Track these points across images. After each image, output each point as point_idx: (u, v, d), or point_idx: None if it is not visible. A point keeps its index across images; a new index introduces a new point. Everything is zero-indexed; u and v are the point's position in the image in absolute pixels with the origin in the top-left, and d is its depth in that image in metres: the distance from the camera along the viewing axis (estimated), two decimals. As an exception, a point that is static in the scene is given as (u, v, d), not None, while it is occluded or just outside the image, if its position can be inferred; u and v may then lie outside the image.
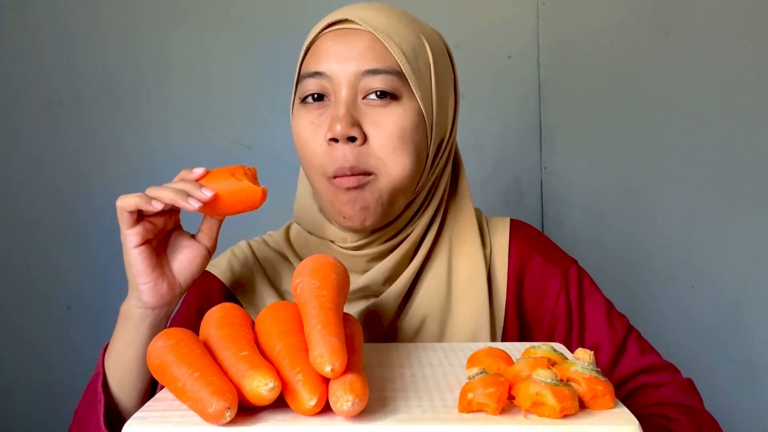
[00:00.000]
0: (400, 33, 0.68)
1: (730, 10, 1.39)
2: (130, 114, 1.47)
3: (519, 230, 0.79)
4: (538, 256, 0.77)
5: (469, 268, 0.74)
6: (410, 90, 0.68)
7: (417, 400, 0.48)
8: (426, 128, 0.69)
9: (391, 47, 0.67)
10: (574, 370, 0.46)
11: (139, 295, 0.63)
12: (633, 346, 0.75)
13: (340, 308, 0.52)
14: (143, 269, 0.62)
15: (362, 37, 0.67)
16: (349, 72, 0.66)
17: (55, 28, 1.47)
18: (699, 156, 1.40)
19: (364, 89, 0.66)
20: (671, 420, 0.67)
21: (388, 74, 0.66)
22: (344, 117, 0.65)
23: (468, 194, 0.78)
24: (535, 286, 0.76)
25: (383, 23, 0.68)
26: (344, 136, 0.65)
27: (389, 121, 0.66)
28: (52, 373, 1.45)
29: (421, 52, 0.69)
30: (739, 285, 1.40)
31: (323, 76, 0.67)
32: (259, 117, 1.44)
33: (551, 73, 1.43)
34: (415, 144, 0.68)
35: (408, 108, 0.67)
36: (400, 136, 0.66)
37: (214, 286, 0.76)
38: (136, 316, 0.63)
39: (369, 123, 0.66)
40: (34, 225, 1.48)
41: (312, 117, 0.68)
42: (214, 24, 1.46)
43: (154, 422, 0.45)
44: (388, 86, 0.66)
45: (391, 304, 0.72)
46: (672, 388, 0.72)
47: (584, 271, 0.79)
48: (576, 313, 0.75)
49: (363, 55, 0.66)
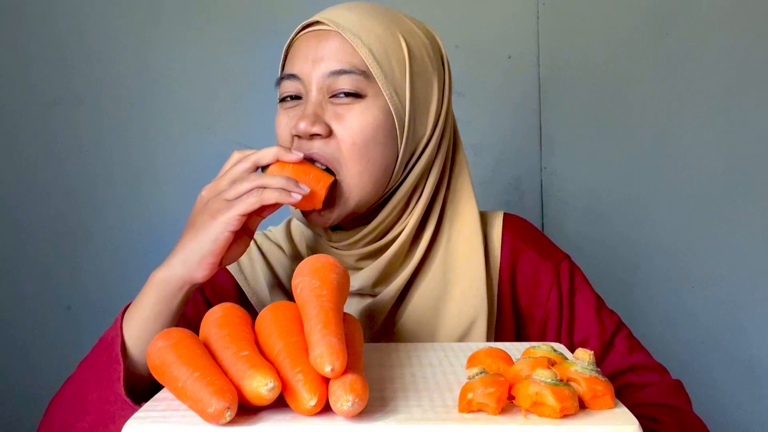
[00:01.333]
0: (371, 31, 0.69)
1: (730, 10, 1.39)
2: (129, 114, 1.47)
3: (512, 224, 0.80)
4: (530, 250, 0.78)
5: (467, 266, 0.74)
6: (378, 88, 0.69)
7: (417, 400, 0.48)
8: (395, 126, 0.70)
9: (358, 47, 0.68)
10: (574, 370, 0.46)
11: (194, 270, 0.61)
12: (621, 344, 0.75)
13: (340, 308, 0.52)
14: (221, 251, 0.61)
15: (331, 38, 0.69)
16: (317, 73, 0.69)
17: (54, 28, 1.47)
18: (699, 156, 1.40)
19: (331, 89, 0.69)
20: (657, 421, 0.66)
21: (354, 74, 0.68)
22: (308, 115, 0.67)
23: (470, 191, 0.78)
24: (527, 280, 0.77)
25: (354, 23, 0.69)
26: (306, 133, 0.67)
27: (352, 117, 0.68)
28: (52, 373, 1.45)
29: (394, 50, 0.70)
30: (739, 285, 1.40)
31: (296, 78, 0.70)
32: (259, 117, 1.44)
33: (551, 73, 1.43)
34: (380, 141, 0.69)
35: (372, 105, 0.68)
36: (360, 131, 0.68)
37: (223, 278, 0.78)
38: (176, 287, 0.62)
39: (334, 119, 0.68)
40: (34, 225, 1.48)
41: (287, 117, 0.71)
42: (214, 24, 1.46)
43: (154, 422, 0.45)
44: (353, 87, 0.68)
45: (386, 302, 0.73)
46: (659, 388, 0.72)
47: (576, 266, 0.80)
48: (566, 307, 0.76)
49: (331, 56, 0.68)
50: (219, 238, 0.61)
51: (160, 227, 1.44)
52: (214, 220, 0.61)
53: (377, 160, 0.69)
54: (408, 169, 0.73)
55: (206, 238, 0.61)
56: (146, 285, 0.63)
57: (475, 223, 0.76)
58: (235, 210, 0.60)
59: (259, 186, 0.61)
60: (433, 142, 0.74)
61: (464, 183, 0.78)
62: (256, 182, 0.61)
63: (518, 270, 0.77)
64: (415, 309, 0.73)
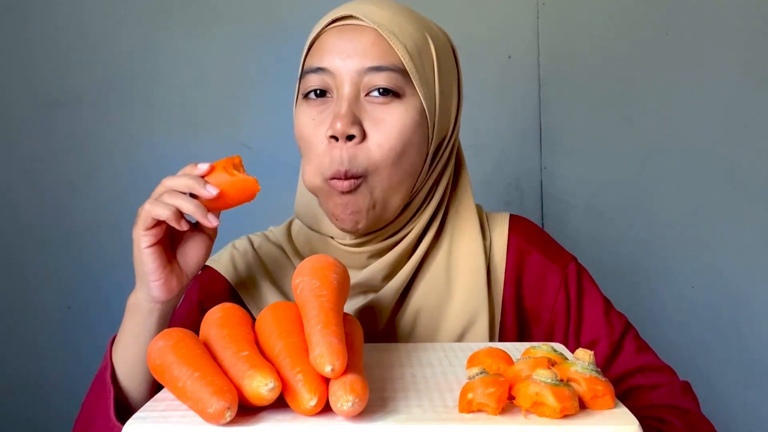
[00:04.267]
0: (405, 30, 0.68)
1: (730, 10, 1.39)
2: (129, 114, 1.47)
3: (518, 225, 0.79)
4: (537, 252, 0.77)
5: (468, 264, 0.74)
6: (413, 88, 0.67)
7: (417, 400, 0.48)
8: (428, 127, 0.69)
9: (395, 44, 0.66)
10: (574, 370, 0.46)
11: (149, 291, 0.63)
12: (630, 345, 0.74)
13: (340, 308, 0.52)
14: (155, 267, 0.62)
15: (366, 34, 0.67)
16: (351, 68, 0.66)
17: (52, 29, 1.47)
18: (699, 155, 1.40)
19: (367, 86, 0.66)
20: (665, 423, 0.66)
21: (392, 71, 0.66)
22: (345, 115, 0.64)
23: (469, 190, 0.78)
24: (534, 283, 0.76)
25: (387, 20, 0.67)
26: (344, 134, 0.64)
27: (390, 119, 0.66)
28: (52, 373, 1.45)
29: (425, 49, 0.69)
30: (740, 285, 1.40)
31: (326, 71, 0.67)
32: (259, 117, 1.44)
33: (551, 73, 1.43)
34: (415, 143, 0.68)
35: (410, 106, 0.67)
36: (399, 134, 0.66)
37: (216, 281, 0.77)
38: (145, 310, 0.64)
39: (370, 121, 0.66)
40: (34, 225, 1.48)
41: (314, 113, 0.68)
42: (213, 24, 1.46)
43: (154, 422, 0.45)
44: (391, 84, 0.66)
45: (389, 299, 0.72)
46: (667, 390, 0.71)
47: (583, 268, 0.79)
48: (574, 310, 0.75)
49: (366, 52, 0.66)
50: (144, 257, 0.62)
51: (160, 227, 1.44)
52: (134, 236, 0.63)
53: (409, 164, 0.68)
54: (431, 171, 0.72)
55: (137, 260, 0.63)
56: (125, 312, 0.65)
57: (476, 221, 0.75)
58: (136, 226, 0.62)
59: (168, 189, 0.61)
60: (452, 143, 0.74)
61: (465, 182, 0.78)
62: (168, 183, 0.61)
63: (525, 272, 0.76)
64: (418, 307, 0.73)
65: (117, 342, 0.65)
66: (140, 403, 0.62)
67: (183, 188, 0.61)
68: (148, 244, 0.61)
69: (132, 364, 0.64)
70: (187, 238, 0.66)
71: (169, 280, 0.63)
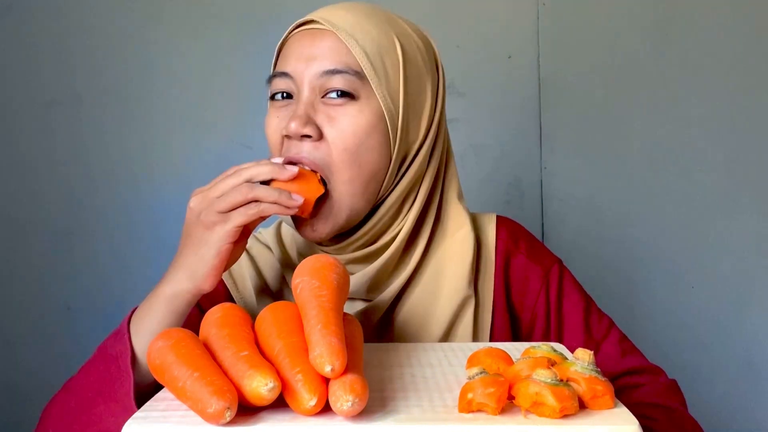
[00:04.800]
0: (367, 33, 0.68)
1: (730, 10, 1.39)
2: (129, 114, 1.47)
3: (504, 227, 0.80)
4: (520, 253, 0.78)
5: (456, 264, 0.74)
6: (371, 90, 0.68)
7: (417, 400, 0.48)
8: (388, 129, 0.69)
9: (352, 47, 0.67)
10: (573, 370, 0.46)
11: (202, 283, 0.62)
12: (613, 349, 0.74)
13: (340, 308, 0.52)
14: (223, 262, 0.62)
15: (326, 38, 0.68)
16: (310, 72, 0.68)
17: (53, 28, 1.47)
18: (699, 155, 1.41)
19: (324, 89, 0.67)
20: (648, 419, 0.66)
21: (347, 74, 0.67)
22: (299, 116, 0.66)
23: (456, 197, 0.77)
24: (518, 283, 0.77)
25: (349, 23, 0.68)
26: (297, 133, 0.66)
27: (345, 119, 0.67)
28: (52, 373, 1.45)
29: (388, 52, 0.69)
30: (739, 285, 1.40)
31: (288, 76, 0.69)
32: (259, 117, 1.43)
33: (551, 73, 1.43)
34: (371, 145, 0.68)
35: (365, 108, 0.67)
36: (353, 134, 0.66)
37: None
38: (186, 301, 0.63)
39: (325, 121, 0.67)
40: (34, 225, 1.48)
41: (277, 114, 0.71)
42: (213, 24, 1.46)
43: (154, 422, 0.45)
44: (346, 86, 0.67)
45: (377, 310, 0.72)
46: (652, 388, 0.72)
47: (567, 270, 0.79)
48: (554, 312, 0.76)
49: (325, 56, 0.67)
50: (221, 250, 0.61)
51: (161, 227, 1.44)
52: (212, 232, 0.61)
53: (369, 165, 0.68)
54: (400, 176, 0.72)
55: (208, 252, 0.62)
56: (153, 299, 0.63)
57: (465, 226, 0.75)
58: (233, 222, 0.61)
59: (253, 198, 0.61)
60: (425, 147, 0.73)
61: (454, 188, 0.77)
62: (250, 195, 0.61)
63: (511, 273, 0.77)
64: (408, 313, 0.73)
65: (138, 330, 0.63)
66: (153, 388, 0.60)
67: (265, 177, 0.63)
68: (235, 239, 0.62)
69: None
70: None
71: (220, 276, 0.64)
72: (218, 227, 0.61)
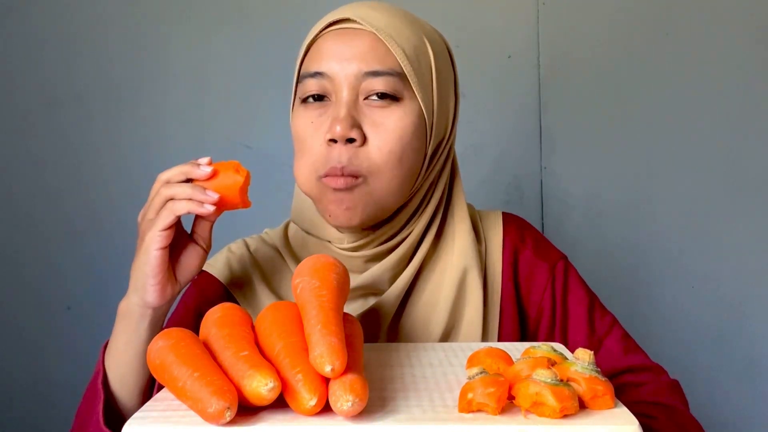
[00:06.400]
0: (402, 33, 0.68)
1: (730, 10, 1.39)
2: (129, 114, 1.47)
3: (511, 224, 0.80)
4: (527, 249, 0.78)
5: (464, 266, 0.74)
6: (411, 91, 0.67)
7: (417, 400, 0.48)
8: (426, 130, 0.69)
9: (393, 48, 0.66)
10: (574, 370, 0.46)
11: (144, 295, 0.63)
12: (615, 346, 0.74)
13: (340, 308, 0.52)
14: (159, 270, 0.62)
15: (364, 37, 0.67)
16: (350, 73, 0.66)
17: (55, 28, 1.47)
18: (699, 155, 1.40)
19: (365, 90, 0.66)
20: (649, 417, 0.66)
21: (390, 76, 0.66)
22: (345, 118, 0.65)
23: (462, 193, 0.78)
24: (525, 280, 0.77)
25: (385, 23, 0.67)
26: (344, 137, 0.65)
27: (389, 122, 0.66)
28: (52, 373, 1.45)
29: (422, 52, 0.69)
30: (739, 285, 1.40)
31: (324, 76, 0.67)
32: (259, 117, 1.44)
33: (551, 73, 1.43)
34: (414, 146, 0.68)
35: (409, 110, 0.67)
36: (399, 138, 0.66)
37: (212, 285, 0.76)
38: (137, 315, 0.64)
39: (369, 124, 0.66)
40: (34, 225, 1.48)
41: (312, 116, 0.68)
42: (213, 24, 1.46)
43: (154, 422, 0.45)
44: (389, 88, 0.66)
45: (391, 303, 0.72)
46: (653, 387, 0.72)
47: (572, 266, 0.79)
48: (560, 308, 0.76)
49: (364, 56, 0.66)
50: (150, 259, 0.62)
51: (160, 227, 1.44)
52: (143, 242, 0.62)
53: (409, 165, 0.68)
54: (428, 172, 0.73)
55: (142, 262, 0.62)
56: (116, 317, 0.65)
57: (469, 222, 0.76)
58: (157, 226, 0.61)
59: (168, 198, 0.61)
60: (449, 145, 0.74)
61: (458, 185, 0.78)
62: (164, 195, 0.61)
63: (519, 269, 0.77)
64: (418, 310, 0.73)
65: (109, 348, 0.65)
66: (132, 410, 0.62)
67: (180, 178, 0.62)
68: (162, 245, 0.62)
69: (124, 369, 0.64)
70: (183, 246, 0.66)
71: (165, 286, 0.63)
72: (148, 234, 0.62)
